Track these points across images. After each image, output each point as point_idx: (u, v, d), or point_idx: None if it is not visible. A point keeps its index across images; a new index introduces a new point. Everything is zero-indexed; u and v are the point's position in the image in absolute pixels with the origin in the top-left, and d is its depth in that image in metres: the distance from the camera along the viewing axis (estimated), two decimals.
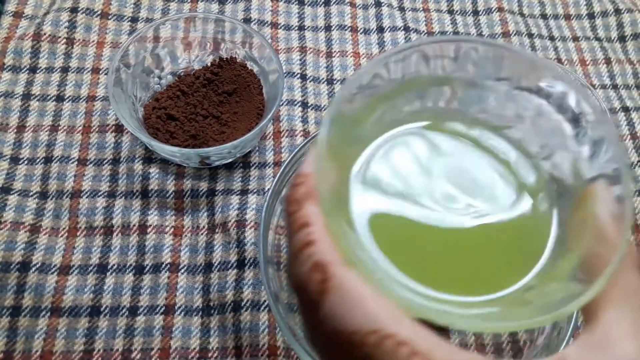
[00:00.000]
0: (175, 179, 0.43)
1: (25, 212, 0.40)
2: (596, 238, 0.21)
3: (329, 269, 0.18)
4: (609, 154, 0.22)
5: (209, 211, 0.42)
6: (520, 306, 0.22)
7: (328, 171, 0.21)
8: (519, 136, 0.26)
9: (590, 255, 0.21)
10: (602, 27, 0.55)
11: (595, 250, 0.21)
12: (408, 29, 0.52)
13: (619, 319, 0.19)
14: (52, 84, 0.46)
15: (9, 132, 0.43)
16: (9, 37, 0.47)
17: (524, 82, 0.25)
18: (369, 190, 0.24)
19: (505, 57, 0.24)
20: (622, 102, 0.50)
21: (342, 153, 0.23)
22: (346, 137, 0.24)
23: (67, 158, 0.43)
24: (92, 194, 0.42)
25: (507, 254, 0.24)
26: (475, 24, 0.54)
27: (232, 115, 0.44)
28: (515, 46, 0.23)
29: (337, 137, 0.21)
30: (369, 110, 0.25)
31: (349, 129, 0.24)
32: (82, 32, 0.48)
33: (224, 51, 0.46)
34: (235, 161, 0.44)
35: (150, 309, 0.39)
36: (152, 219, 0.41)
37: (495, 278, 0.23)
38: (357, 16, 0.53)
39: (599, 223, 0.21)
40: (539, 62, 0.24)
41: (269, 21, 0.51)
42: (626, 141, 0.48)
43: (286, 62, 0.49)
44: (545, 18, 0.56)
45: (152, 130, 0.42)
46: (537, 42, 0.53)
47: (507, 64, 0.24)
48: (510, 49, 0.24)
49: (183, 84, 0.44)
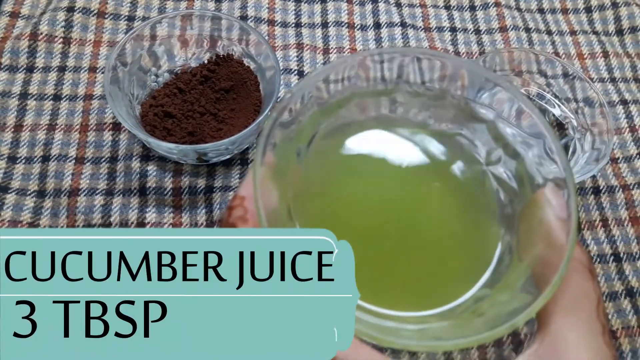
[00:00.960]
0: (173, 177, 0.43)
1: (23, 211, 0.40)
2: (544, 244, 0.21)
3: None
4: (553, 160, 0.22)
5: (207, 208, 0.42)
6: (473, 318, 0.21)
7: (268, 193, 0.20)
8: (465, 142, 0.25)
9: (540, 263, 0.21)
10: (599, 20, 0.55)
11: (544, 257, 0.21)
12: (405, 25, 0.52)
13: (570, 326, 0.19)
14: (49, 83, 0.46)
15: (7, 131, 0.43)
16: (6, 37, 0.47)
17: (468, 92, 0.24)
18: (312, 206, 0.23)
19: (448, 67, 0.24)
20: (621, 95, 0.50)
21: (283, 171, 0.22)
22: (287, 154, 0.23)
23: (64, 156, 0.43)
24: (90, 192, 0.42)
25: (455, 263, 0.23)
26: (472, 19, 0.54)
27: (229, 112, 0.44)
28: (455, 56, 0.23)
29: (277, 155, 0.21)
30: (311, 125, 0.24)
31: (290, 145, 0.23)
32: (79, 32, 0.48)
33: (221, 48, 0.46)
34: (232, 158, 0.44)
35: None
36: (150, 216, 0.41)
37: (446, 289, 0.23)
38: (354, 12, 0.53)
39: (546, 229, 0.21)
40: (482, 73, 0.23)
41: (266, 18, 0.51)
42: (625, 134, 0.48)
43: (283, 59, 0.49)
44: (542, 12, 0.56)
45: (150, 127, 0.42)
46: (535, 37, 0.53)
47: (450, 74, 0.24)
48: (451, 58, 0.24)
49: (180, 81, 0.44)
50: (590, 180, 0.46)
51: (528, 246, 0.22)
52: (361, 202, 0.24)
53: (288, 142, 0.23)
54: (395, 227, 0.24)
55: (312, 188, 0.24)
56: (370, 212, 0.24)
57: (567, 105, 0.48)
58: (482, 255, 0.23)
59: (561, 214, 0.21)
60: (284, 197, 0.22)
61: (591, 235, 0.43)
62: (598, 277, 0.42)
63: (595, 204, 0.45)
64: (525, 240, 0.22)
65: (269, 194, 0.21)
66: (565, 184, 0.21)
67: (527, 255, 0.22)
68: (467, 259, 0.24)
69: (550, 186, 0.22)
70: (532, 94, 0.49)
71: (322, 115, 0.24)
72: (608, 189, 0.45)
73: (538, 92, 0.49)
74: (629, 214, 0.44)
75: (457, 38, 0.53)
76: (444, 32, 0.53)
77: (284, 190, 0.22)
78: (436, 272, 0.23)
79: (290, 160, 0.23)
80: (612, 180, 0.46)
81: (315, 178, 0.24)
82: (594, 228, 0.44)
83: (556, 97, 0.48)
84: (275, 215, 0.21)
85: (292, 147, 0.23)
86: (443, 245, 0.24)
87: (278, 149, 0.21)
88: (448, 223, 0.24)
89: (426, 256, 0.23)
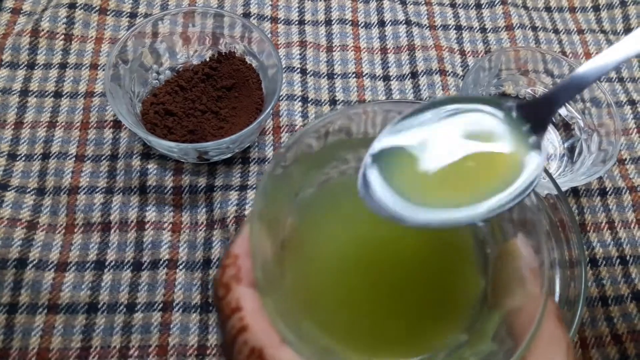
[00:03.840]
0: (173, 175, 0.42)
1: (22, 209, 0.40)
2: (519, 295, 0.21)
3: (265, 354, 0.18)
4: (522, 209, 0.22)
5: (208, 207, 0.42)
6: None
7: (262, 245, 0.21)
8: None
9: (514, 312, 0.21)
10: (607, 19, 0.55)
11: (518, 307, 0.21)
12: (410, 22, 0.52)
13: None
14: (50, 80, 0.46)
15: (7, 128, 0.43)
16: (7, 34, 0.47)
17: None
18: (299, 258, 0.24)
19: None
20: (629, 95, 0.50)
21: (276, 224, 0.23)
22: (280, 207, 0.24)
23: (64, 154, 0.43)
24: (90, 190, 0.41)
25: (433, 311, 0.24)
26: (478, 17, 0.54)
27: (231, 110, 0.43)
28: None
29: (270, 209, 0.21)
30: (302, 176, 0.25)
31: (282, 197, 0.24)
32: (81, 28, 0.48)
33: (223, 46, 0.46)
34: (234, 157, 0.44)
35: (148, 306, 0.38)
36: (150, 215, 0.41)
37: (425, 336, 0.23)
38: (357, 10, 0.52)
39: (520, 280, 0.22)
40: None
41: (269, 15, 0.51)
42: (632, 135, 0.48)
43: (286, 56, 0.49)
44: (549, 11, 0.55)
45: (150, 125, 0.42)
46: (541, 35, 0.53)
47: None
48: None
49: (181, 79, 0.44)
50: (597, 182, 0.45)
51: (502, 295, 0.22)
52: (343, 253, 0.25)
53: (280, 193, 0.23)
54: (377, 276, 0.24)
55: (301, 238, 0.24)
56: (353, 264, 0.24)
57: (574, 105, 0.47)
58: (459, 302, 0.24)
59: (533, 264, 0.21)
60: (276, 247, 0.23)
61: (597, 238, 0.43)
62: (603, 280, 0.41)
63: (601, 205, 0.44)
64: (499, 288, 0.23)
65: (263, 247, 0.21)
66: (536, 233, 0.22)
67: (501, 303, 0.22)
68: (444, 306, 0.24)
69: (521, 236, 0.23)
70: (538, 94, 0.48)
71: (310, 168, 0.25)
72: (615, 190, 0.45)
73: (544, 91, 0.48)
74: (636, 216, 0.44)
75: (462, 36, 0.52)
76: (449, 30, 0.52)
77: (276, 241, 0.23)
78: (415, 320, 0.24)
79: (282, 211, 0.24)
80: (619, 181, 0.45)
81: (303, 229, 0.25)
82: (600, 230, 0.43)
83: None
84: (269, 268, 0.21)
85: (284, 198, 0.24)
86: (422, 293, 0.24)
87: (272, 201, 0.22)
88: (426, 270, 0.25)
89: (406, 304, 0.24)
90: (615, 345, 0.39)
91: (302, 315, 0.22)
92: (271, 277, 0.21)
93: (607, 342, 0.39)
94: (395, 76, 0.49)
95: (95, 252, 0.39)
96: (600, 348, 0.39)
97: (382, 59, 0.50)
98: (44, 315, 0.37)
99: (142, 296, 0.38)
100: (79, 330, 0.37)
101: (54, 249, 0.39)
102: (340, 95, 0.48)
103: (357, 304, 0.23)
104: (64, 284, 0.38)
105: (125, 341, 0.37)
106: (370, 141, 0.23)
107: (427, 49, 0.50)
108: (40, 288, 0.38)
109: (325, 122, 0.23)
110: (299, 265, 0.23)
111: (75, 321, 0.37)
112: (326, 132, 0.24)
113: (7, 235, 0.39)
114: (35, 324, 0.37)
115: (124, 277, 0.39)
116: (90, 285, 0.38)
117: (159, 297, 0.39)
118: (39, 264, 0.38)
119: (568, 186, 0.42)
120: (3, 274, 0.38)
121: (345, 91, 0.48)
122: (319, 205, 0.25)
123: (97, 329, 0.37)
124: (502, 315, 0.22)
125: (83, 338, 0.37)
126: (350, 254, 0.25)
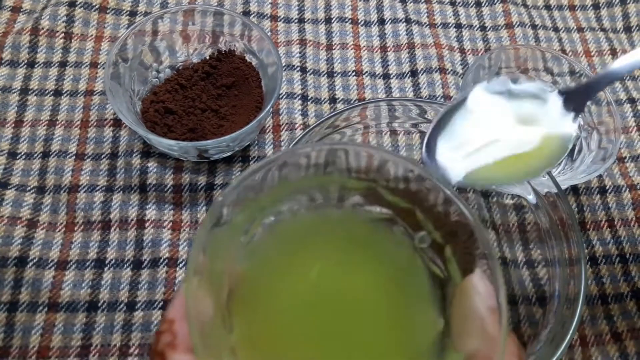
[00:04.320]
0: (173, 173, 0.42)
1: (22, 207, 0.40)
2: (477, 337, 0.21)
3: None
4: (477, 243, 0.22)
5: (208, 205, 0.42)
6: None
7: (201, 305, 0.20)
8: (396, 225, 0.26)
9: (472, 354, 0.21)
10: (607, 17, 0.55)
11: (478, 349, 0.20)
12: (409, 20, 0.52)
13: None
14: (50, 78, 0.46)
15: (7, 126, 0.43)
16: (7, 32, 0.47)
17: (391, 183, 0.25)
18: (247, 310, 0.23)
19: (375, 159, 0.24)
20: (628, 93, 0.50)
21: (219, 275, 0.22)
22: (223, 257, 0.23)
23: (64, 152, 0.43)
24: (90, 189, 0.41)
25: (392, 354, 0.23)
26: (478, 16, 0.53)
27: (231, 108, 0.43)
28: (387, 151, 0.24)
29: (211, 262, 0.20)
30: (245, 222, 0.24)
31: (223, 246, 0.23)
32: (80, 27, 0.48)
33: (223, 44, 0.46)
34: (234, 155, 0.44)
35: (148, 304, 0.38)
36: (150, 213, 0.41)
37: None
38: (357, 8, 0.52)
39: (478, 320, 0.21)
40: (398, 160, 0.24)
41: (269, 14, 0.51)
42: (632, 133, 0.48)
43: (286, 55, 0.49)
44: (549, 9, 0.55)
45: (150, 124, 0.42)
46: (541, 33, 0.53)
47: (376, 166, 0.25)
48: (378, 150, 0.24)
49: (181, 77, 0.44)
50: (597, 180, 0.45)
51: (461, 336, 0.22)
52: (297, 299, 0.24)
53: (223, 243, 0.22)
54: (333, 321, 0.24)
55: (250, 285, 0.23)
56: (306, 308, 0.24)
57: None
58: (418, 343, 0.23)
59: (491, 303, 0.21)
60: (218, 302, 0.22)
61: (597, 236, 0.43)
62: (603, 278, 0.41)
63: (601, 203, 0.44)
64: (458, 329, 0.22)
65: (203, 304, 0.20)
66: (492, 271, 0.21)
67: (460, 345, 0.22)
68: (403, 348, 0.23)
69: (478, 272, 0.22)
70: None
71: (256, 212, 0.24)
72: (615, 188, 0.45)
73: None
74: (636, 214, 0.44)
75: (462, 35, 0.52)
76: (449, 28, 0.52)
77: (221, 295, 0.22)
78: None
79: (226, 259, 0.23)
80: (618, 179, 0.45)
81: (252, 274, 0.24)
82: (599, 228, 0.43)
83: None
84: (210, 327, 0.20)
85: (228, 247, 0.23)
86: (379, 337, 0.24)
87: (213, 253, 0.21)
88: (381, 313, 0.24)
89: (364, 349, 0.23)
90: (615, 343, 0.39)
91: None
92: (213, 336, 0.20)
93: (607, 340, 0.39)
94: (395, 74, 0.49)
95: (95, 250, 0.40)
96: (600, 346, 0.39)
97: (382, 57, 0.50)
98: (44, 314, 0.37)
99: (142, 294, 0.39)
100: (79, 328, 0.37)
101: (54, 247, 0.39)
102: (340, 94, 0.48)
103: (312, 351, 0.23)
104: (64, 282, 0.38)
105: (125, 339, 0.37)
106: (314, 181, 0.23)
107: (427, 47, 0.50)
108: (40, 286, 0.38)
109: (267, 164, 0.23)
110: (249, 314, 0.23)
111: (76, 319, 0.37)
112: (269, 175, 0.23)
113: (8, 234, 0.39)
114: (36, 322, 0.37)
115: (124, 275, 0.39)
116: (91, 284, 0.38)
117: (159, 296, 0.39)
118: (39, 262, 0.38)
119: (568, 184, 0.42)
120: (3, 272, 0.38)
121: (345, 89, 0.48)
122: (269, 248, 0.25)
123: (97, 327, 0.37)
124: (463, 359, 0.21)
125: (83, 336, 0.37)
126: (304, 299, 0.24)
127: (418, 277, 0.25)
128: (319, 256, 0.25)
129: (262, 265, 0.24)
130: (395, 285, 0.25)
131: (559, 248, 0.34)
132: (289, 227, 0.26)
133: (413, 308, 0.24)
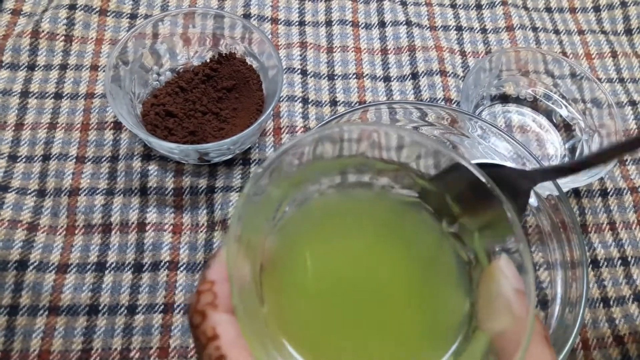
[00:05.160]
0: (174, 176, 0.42)
1: (23, 210, 0.40)
2: (504, 317, 0.21)
3: None
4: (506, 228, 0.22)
5: (209, 208, 0.42)
6: None
7: (240, 270, 0.20)
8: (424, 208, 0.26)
9: (500, 334, 0.21)
10: (608, 20, 0.55)
11: (505, 329, 0.21)
12: (410, 23, 0.52)
13: None
14: (51, 81, 0.45)
15: (7, 130, 0.43)
16: (7, 35, 0.47)
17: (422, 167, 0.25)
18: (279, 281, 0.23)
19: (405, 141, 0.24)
20: (629, 95, 0.50)
21: (254, 247, 0.22)
22: (257, 227, 0.23)
23: (65, 156, 0.42)
24: (91, 192, 0.41)
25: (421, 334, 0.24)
26: (479, 18, 0.53)
27: (231, 111, 0.43)
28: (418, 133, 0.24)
29: (248, 232, 0.21)
30: (279, 197, 0.24)
31: (259, 218, 0.23)
32: (81, 29, 0.48)
33: (224, 47, 0.46)
34: (234, 158, 0.43)
35: (149, 308, 0.38)
36: (150, 216, 0.41)
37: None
38: (358, 11, 0.52)
39: (505, 302, 0.21)
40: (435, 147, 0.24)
41: (269, 17, 0.51)
42: (633, 135, 0.48)
43: (286, 57, 0.49)
44: (549, 11, 0.55)
45: (151, 127, 0.42)
46: (542, 36, 0.53)
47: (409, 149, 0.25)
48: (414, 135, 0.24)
49: (182, 80, 0.44)
50: (598, 183, 0.45)
51: (488, 317, 0.22)
52: (325, 276, 0.24)
53: (258, 215, 0.23)
54: (360, 299, 0.24)
55: (280, 261, 0.24)
56: (335, 287, 0.24)
57: (575, 106, 0.47)
58: (444, 324, 0.23)
59: (518, 285, 0.21)
60: (254, 271, 0.22)
61: (598, 239, 0.43)
62: (605, 281, 0.41)
63: (602, 206, 0.44)
64: (485, 310, 0.23)
65: (241, 270, 0.20)
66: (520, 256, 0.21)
67: (487, 325, 0.22)
68: (429, 328, 0.24)
69: (504, 257, 0.22)
70: (539, 95, 0.48)
71: (289, 188, 0.25)
72: (616, 191, 0.45)
73: (545, 92, 0.48)
74: (637, 217, 0.44)
75: (463, 37, 0.52)
76: (450, 31, 0.52)
77: (254, 265, 0.22)
78: (400, 344, 0.23)
79: (260, 233, 0.23)
80: (620, 182, 0.45)
81: (282, 251, 0.24)
82: (601, 231, 0.43)
83: (563, 97, 0.47)
84: (247, 294, 0.21)
85: (262, 220, 0.23)
86: (406, 315, 0.24)
87: (249, 223, 0.21)
88: (409, 292, 0.24)
89: (390, 327, 0.23)
90: (617, 346, 0.39)
91: (284, 342, 0.22)
92: (250, 303, 0.21)
93: (609, 343, 0.39)
94: (396, 77, 0.49)
95: (96, 253, 0.39)
96: (602, 349, 0.39)
97: (383, 59, 0.50)
98: (45, 317, 0.37)
99: (143, 298, 0.38)
100: (80, 332, 0.37)
101: (54, 251, 0.39)
102: (340, 97, 0.48)
103: (340, 328, 0.23)
104: (64, 286, 0.38)
105: (126, 343, 0.37)
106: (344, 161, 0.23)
107: (428, 49, 0.50)
108: (41, 290, 0.38)
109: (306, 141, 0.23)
110: (279, 290, 0.23)
111: (76, 323, 0.37)
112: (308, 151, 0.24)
113: (8, 237, 0.39)
114: (36, 326, 0.37)
115: (125, 278, 0.39)
116: (91, 287, 0.38)
117: (159, 299, 0.38)
118: (40, 265, 0.38)
119: (569, 187, 0.42)
120: (4, 275, 0.38)
121: (346, 92, 0.48)
122: (299, 226, 0.25)
123: (98, 330, 0.37)
124: (490, 338, 0.21)
125: (84, 340, 0.37)
126: (333, 277, 0.24)
127: (445, 260, 0.25)
128: (348, 236, 0.25)
129: (292, 243, 0.24)
130: (423, 266, 0.25)
131: (560, 251, 0.34)
132: (318, 206, 0.26)
133: (440, 289, 0.25)
